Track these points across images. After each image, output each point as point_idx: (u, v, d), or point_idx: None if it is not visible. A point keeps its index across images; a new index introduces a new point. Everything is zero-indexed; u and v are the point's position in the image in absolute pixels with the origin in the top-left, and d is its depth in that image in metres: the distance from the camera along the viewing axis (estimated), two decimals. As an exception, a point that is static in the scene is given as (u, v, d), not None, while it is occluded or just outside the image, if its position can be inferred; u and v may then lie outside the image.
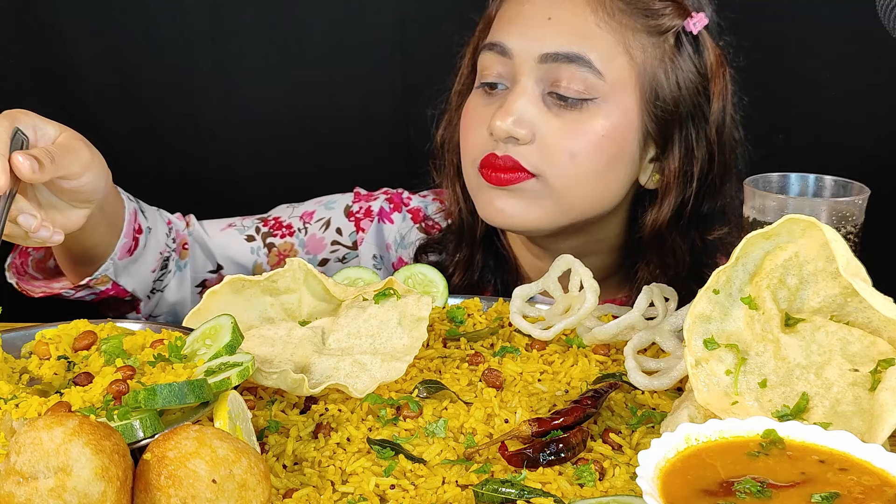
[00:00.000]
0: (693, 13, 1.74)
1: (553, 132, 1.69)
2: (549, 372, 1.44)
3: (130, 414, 1.14)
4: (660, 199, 1.78)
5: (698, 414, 1.22)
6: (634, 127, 1.73)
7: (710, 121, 1.75)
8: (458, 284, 1.91)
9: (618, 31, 1.69)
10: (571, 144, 1.69)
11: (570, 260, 1.55)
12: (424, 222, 2.02)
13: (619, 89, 1.70)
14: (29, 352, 1.41)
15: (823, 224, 1.21)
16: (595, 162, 1.71)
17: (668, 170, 1.76)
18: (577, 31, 1.69)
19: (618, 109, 1.70)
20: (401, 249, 2.02)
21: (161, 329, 1.42)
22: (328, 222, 2.01)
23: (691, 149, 1.76)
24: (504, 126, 1.68)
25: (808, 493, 1.02)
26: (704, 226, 1.82)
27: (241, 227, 1.99)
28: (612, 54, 1.69)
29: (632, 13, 1.70)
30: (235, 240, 1.98)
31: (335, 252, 2.01)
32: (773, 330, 1.24)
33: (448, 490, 1.18)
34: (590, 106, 1.69)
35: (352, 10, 2.53)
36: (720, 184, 1.79)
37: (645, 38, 1.71)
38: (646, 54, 1.71)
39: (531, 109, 1.69)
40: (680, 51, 1.73)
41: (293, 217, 2.01)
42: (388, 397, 1.34)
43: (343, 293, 1.47)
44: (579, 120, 1.69)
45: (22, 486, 1.00)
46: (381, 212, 2.02)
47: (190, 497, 1.03)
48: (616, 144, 1.71)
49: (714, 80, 1.75)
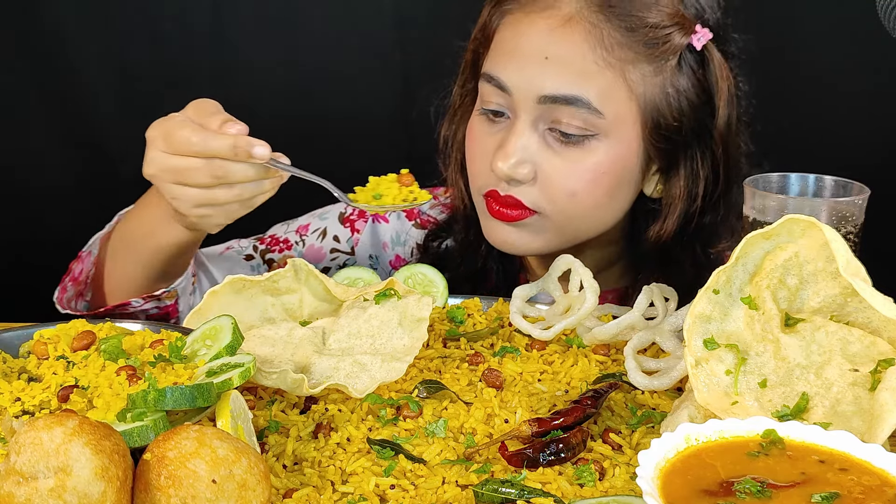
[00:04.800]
0: (697, 28, 1.69)
1: (554, 171, 1.69)
2: (549, 372, 1.44)
3: (143, 415, 1.15)
4: (663, 216, 1.77)
5: (698, 414, 1.22)
6: (635, 154, 1.71)
7: (716, 135, 1.73)
8: (464, 272, 1.90)
9: (616, 66, 1.65)
10: (572, 184, 1.69)
11: (570, 260, 1.55)
12: (419, 218, 2.02)
13: (620, 123, 1.68)
14: (27, 351, 1.41)
15: (823, 224, 1.20)
16: (596, 197, 1.71)
17: (672, 188, 1.76)
18: (575, 71, 1.65)
19: (619, 143, 1.69)
20: (398, 247, 2.02)
21: (160, 329, 1.42)
22: (324, 231, 2.01)
23: (696, 170, 1.75)
24: (505, 169, 1.68)
25: (808, 493, 1.02)
26: (708, 239, 1.80)
27: (239, 248, 2.00)
28: (612, 90, 1.66)
29: (631, 45, 1.66)
30: (235, 262, 1.98)
31: (335, 259, 2.01)
32: (773, 330, 1.24)
33: (448, 490, 1.18)
34: (591, 141, 1.68)
35: (352, 9, 2.53)
36: (725, 189, 1.77)
37: (645, 67, 1.67)
38: (646, 84, 1.68)
39: (531, 147, 1.69)
40: (681, 69, 1.70)
41: (289, 232, 2.02)
42: (388, 397, 1.34)
43: (344, 293, 1.47)
44: (581, 158, 1.68)
45: (22, 486, 1.00)
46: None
47: (190, 497, 1.03)
48: (617, 177, 1.71)
49: (719, 93, 1.72)
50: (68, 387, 1.27)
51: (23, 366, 1.37)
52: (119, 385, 1.24)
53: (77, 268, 1.82)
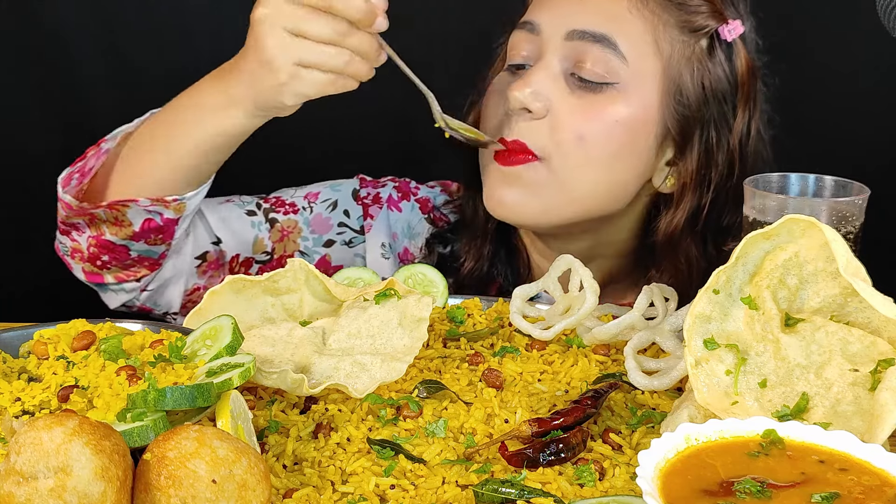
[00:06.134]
0: (729, 20, 1.71)
1: (566, 110, 1.68)
2: (549, 372, 1.44)
3: (143, 415, 1.15)
4: (675, 202, 1.76)
5: (698, 414, 1.22)
6: (652, 121, 1.70)
7: (734, 131, 1.73)
8: (468, 276, 1.88)
9: (649, 19, 1.68)
10: (582, 126, 1.67)
11: (570, 260, 1.55)
12: (433, 213, 2.00)
13: (642, 79, 1.68)
14: (27, 351, 1.41)
15: (823, 224, 1.20)
16: (603, 148, 1.69)
17: (684, 171, 1.74)
18: (608, 13, 1.68)
19: (637, 99, 1.68)
20: (407, 240, 1.98)
21: (160, 329, 1.42)
22: (335, 203, 1.97)
23: (711, 153, 1.73)
24: (520, 96, 1.67)
25: (808, 493, 1.02)
26: (722, 237, 1.78)
27: (241, 202, 1.93)
28: (640, 42, 1.67)
29: (666, 5, 1.69)
30: (235, 213, 1.91)
31: (342, 234, 1.97)
32: (773, 330, 1.24)
33: (448, 490, 1.18)
34: (609, 91, 1.67)
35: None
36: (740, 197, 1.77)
37: (675, 34, 1.69)
38: (674, 49, 1.69)
39: (550, 84, 1.68)
40: (711, 55, 1.71)
41: (296, 196, 1.96)
42: (388, 397, 1.34)
43: (344, 293, 1.48)
44: (596, 102, 1.67)
45: (22, 486, 1.00)
46: (389, 199, 1.99)
47: (190, 497, 1.03)
48: (629, 134, 1.69)
49: (742, 90, 1.73)
50: (68, 387, 1.27)
51: (23, 366, 1.37)
52: (119, 385, 1.24)
53: (91, 160, 1.72)
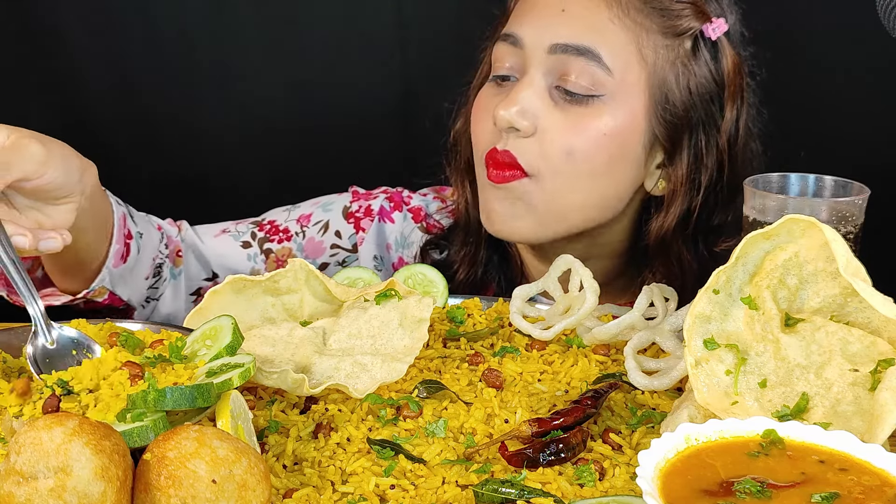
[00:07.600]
0: (713, 18, 1.71)
1: (554, 126, 1.68)
2: (549, 372, 1.44)
3: (143, 416, 1.15)
4: (666, 205, 1.76)
5: (698, 414, 1.22)
6: (640, 129, 1.71)
7: (722, 130, 1.73)
8: (463, 281, 1.89)
9: (631, 28, 1.67)
10: (571, 141, 1.68)
11: (570, 260, 1.55)
12: (426, 221, 2.00)
13: (627, 88, 1.68)
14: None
15: (823, 224, 1.20)
16: (593, 161, 1.69)
17: (674, 176, 1.74)
18: (590, 25, 1.67)
19: (624, 109, 1.68)
20: (402, 249, 2.00)
21: (161, 329, 1.42)
22: (326, 225, 1.98)
23: (700, 156, 1.73)
24: (507, 116, 1.67)
25: (808, 493, 1.02)
26: (713, 238, 1.79)
27: (236, 232, 1.96)
28: (624, 52, 1.67)
29: (648, 12, 1.68)
30: (231, 247, 1.94)
31: (335, 255, 1.99)
32: (773, 330, 1.24)
33: (448, 490, 1.18)
34: (595, 103, 1.67)
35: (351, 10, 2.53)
36: (731, 196, 1.76)
37: (659, 39, 1.69)
38: (658, 56, 1.69)
39: (536, 101, 1.68)
40: (696, 56, 1.71)
41: (289, 221, 1.98)
42: (388, 397, 1.34)
43: (344, 294, 1.47)
44: (583, 116, 1.68)
45: (22, 486, 1.00)
46: (381, 211, 2.00)
47: (190, 497, 1.03)
48: (618, 145, 1.69)
49: (729, 89, 1.73)
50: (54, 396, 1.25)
51: (23, 366, 1.37)
52: (119, 385, 1.24)
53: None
